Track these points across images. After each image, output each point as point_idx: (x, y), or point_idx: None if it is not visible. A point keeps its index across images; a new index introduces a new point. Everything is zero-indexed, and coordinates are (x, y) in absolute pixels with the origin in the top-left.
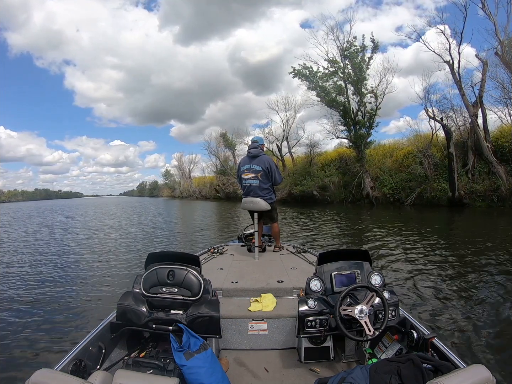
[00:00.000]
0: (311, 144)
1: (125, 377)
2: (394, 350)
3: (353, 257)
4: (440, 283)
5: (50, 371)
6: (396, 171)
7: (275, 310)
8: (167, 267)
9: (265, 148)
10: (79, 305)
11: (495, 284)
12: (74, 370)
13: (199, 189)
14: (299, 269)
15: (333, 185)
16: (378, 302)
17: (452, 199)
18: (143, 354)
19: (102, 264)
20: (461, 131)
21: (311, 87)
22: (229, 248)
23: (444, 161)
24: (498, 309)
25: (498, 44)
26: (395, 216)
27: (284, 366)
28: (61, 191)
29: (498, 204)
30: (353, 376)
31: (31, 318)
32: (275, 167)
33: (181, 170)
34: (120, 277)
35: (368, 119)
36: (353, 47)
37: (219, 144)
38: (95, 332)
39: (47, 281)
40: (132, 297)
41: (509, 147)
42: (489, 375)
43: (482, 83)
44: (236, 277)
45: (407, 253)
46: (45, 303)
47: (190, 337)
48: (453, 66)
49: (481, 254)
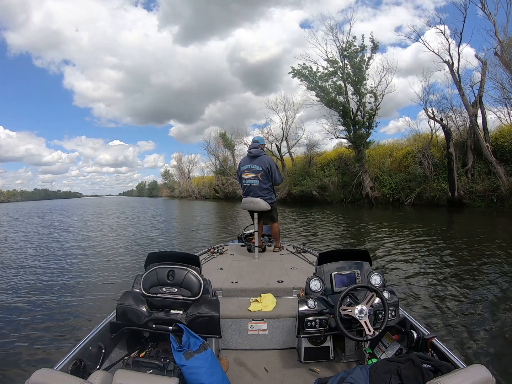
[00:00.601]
0: (311, 144)
1: (125, 377)
2: (394, 350)
3: (353, 257)
4: (439, 283)
5: (50, 371)
6: (395, 171)
7: (275, 310)
8: (167, 267)
9: (265, 148)
10: (79, 305)
11: (495, 284)
12: (74, 370)
13: (198, 189)
14: (299, 269)
15: (332, 185)
16: (378, 302)
17: (452, 199)
18: (143, 354)
19: (102, 264)
20: (461, 131)
21: (310, 87)
22: (229, 248)
23: (444, 161)
24: (497, 309)
25: (498, 44)
26: (394, 216)
27: (284, 366)
28: (60, 191)
29: (498, 204)
30: (353, 376)
31: (31, 318)
32: (276, 167)
33: (180, 170)
34: (120, 277)
35: (368, 119)
36: (352, 47)
37: (218, 144)
38: (95, 332)
39: (47, 281)
40: (132, 297)
41: (508, 147)
42: (489, 375)
43: (482, 83)
44: (236, 277)
45: (407, 253)
46: (45, 303)
47: (190, 337)
48: (452, 66)
49: (480, 254)
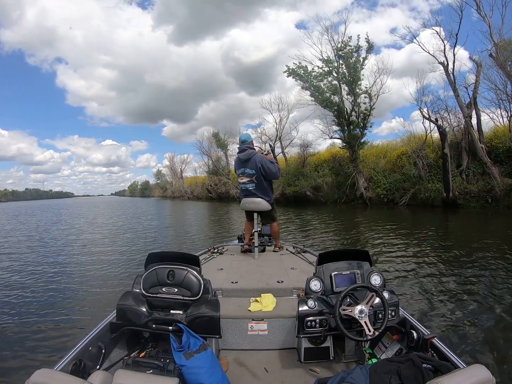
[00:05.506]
0: (304, 144)
1: (125, 377)
2: (394, 350)
3: (353, 257)
4: (439, 283)
5: (50, 371)
6: (390, 172)
7: (275, 310)
8: (167, 267)
9: (257, 148)
10: (79, 305)
11: (494, 284)
12: (74, 370)
13: (191, 189)
14: (299, 269)
15: (326, 185)
16: (378, 302)
17: (447, 200)
18: (143, 354)
19: (101, 264)
20: (455, 132)
21: (305, 87)
22: (229, 248)
23: (438, 161)
24: (497, 309)
25: (493, 46)
26: (389, 217)
27: (284, 366)
28: (52, 191)
29: (492, 204)
30: (353, 376)
31: (30, 318)
32: (268, 162)
33: (172, 170)
34: (120, 277)
35: (362, 119)
36: (348, 47)
37: (211, 144)
38: (95, 332)
39: (46, 281)
40: (132, 297)
41: (503, 148)
42: (489, 375)
43: (476, 85)
44: (236, 277)
45: (405, 253)
46: (45, 303)
47: (190, 337)
48: (447, 67)
49: (477, 254)
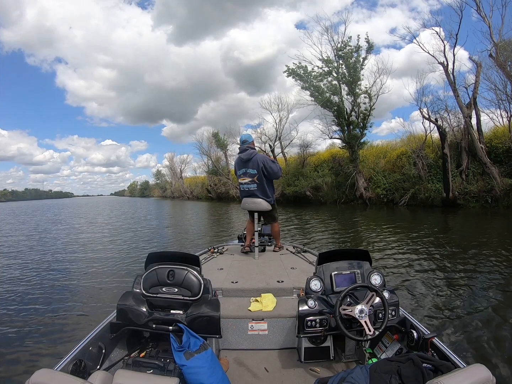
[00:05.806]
0: (304, 144)
1: (125, 377)
2: (394, 350)
3: (353, 257)
4: (439, 283)
5: (50, 371)
6: (389, 172)
7: (275, 310)
8: (167, 267)
9: (257, 148)
10: (79, 305)
11: (494, 284)
12: (74, 370)
13: (190, 189)
14: (299, 269)
15: (326, 185)
16: (378, 301)
17: (446, 200)
18: (143, 354)
19: (101, 264)
20: (455, 132)
21: (305, 87)
22: (229, 248)
23: (438, 161)
24: (497, 309)
25: (493, 46)
26: (389, 217)
27: (284, 366)
28: (51, 191)
29: (492, 205)
30: (353, 376)
31: (30, 319)
32: (270, 161)
33: (172, 170)
34: (120, 277)
35: (362, 119)
36: (347, 47)
37: (211, 144)
38: (95, 332)
39: (46, 281)
40: (132, 297)
41: (502, 148)
42: (489, 375)
43: (476, 85)
44: (236, 277)
45: (405, 253)
46: (45, 303)
47: (190, 337)
48: (447, 67)
49: (477, 254)
